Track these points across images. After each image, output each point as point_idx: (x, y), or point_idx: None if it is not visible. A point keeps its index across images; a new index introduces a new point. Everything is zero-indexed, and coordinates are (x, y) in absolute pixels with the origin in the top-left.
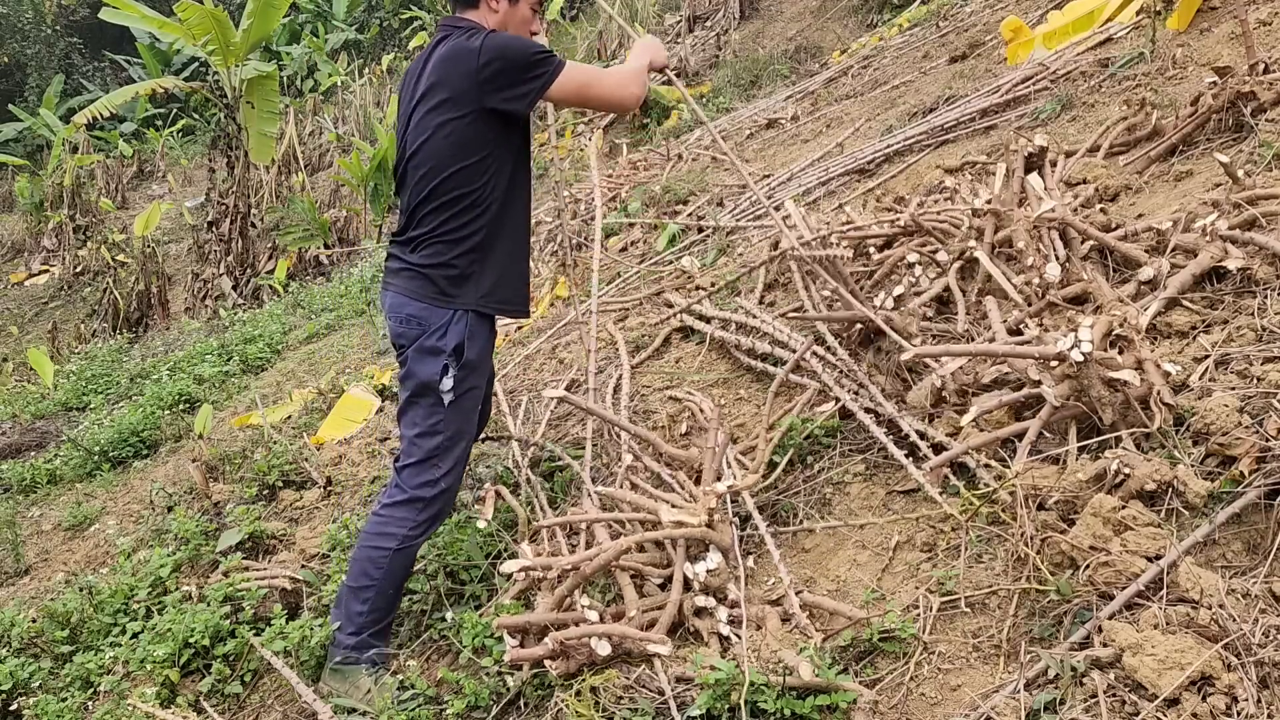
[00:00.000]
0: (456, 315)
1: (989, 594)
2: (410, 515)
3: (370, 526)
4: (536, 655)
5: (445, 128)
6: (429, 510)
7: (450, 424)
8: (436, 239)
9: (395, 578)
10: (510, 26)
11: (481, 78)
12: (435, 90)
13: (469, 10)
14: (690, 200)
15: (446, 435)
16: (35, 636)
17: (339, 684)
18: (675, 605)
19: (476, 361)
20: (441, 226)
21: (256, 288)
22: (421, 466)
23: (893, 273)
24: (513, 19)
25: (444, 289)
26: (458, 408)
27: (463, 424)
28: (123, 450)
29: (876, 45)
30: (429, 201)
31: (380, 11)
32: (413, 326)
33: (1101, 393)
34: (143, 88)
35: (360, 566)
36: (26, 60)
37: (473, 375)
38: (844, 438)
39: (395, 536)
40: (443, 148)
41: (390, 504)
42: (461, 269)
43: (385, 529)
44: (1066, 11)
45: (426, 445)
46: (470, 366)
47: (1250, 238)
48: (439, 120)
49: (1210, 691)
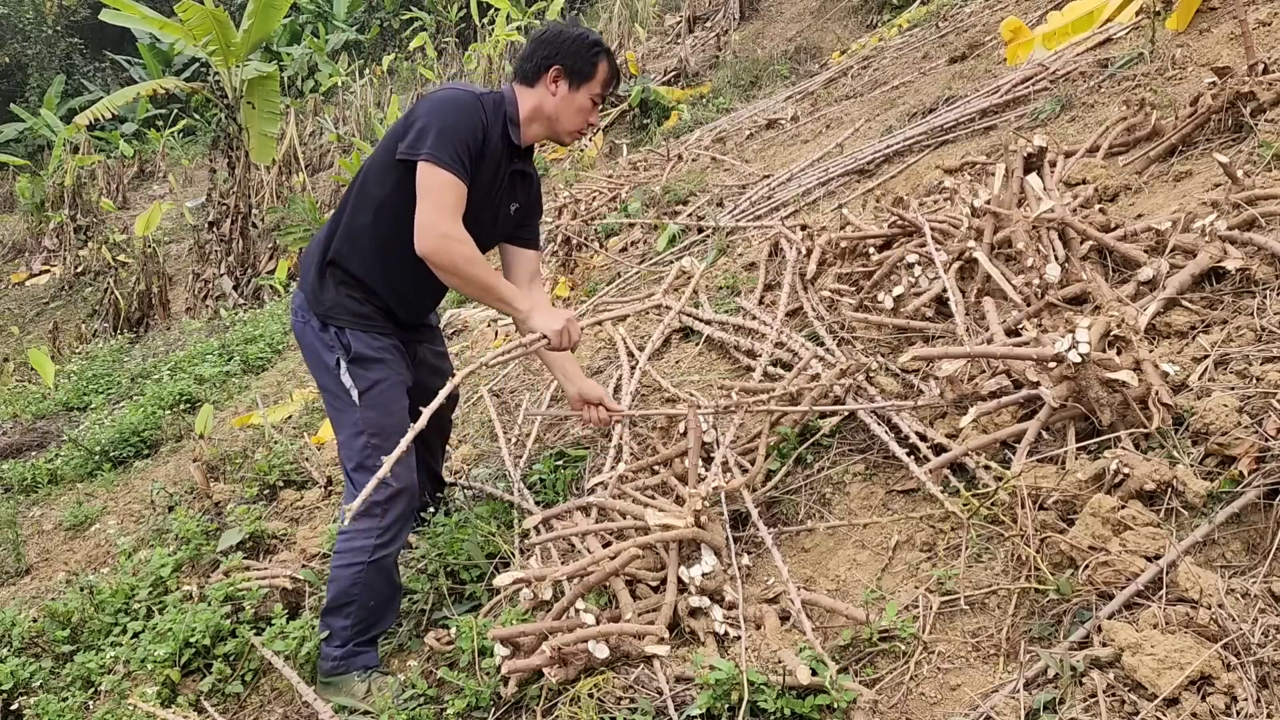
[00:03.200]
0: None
1: (989, 594)
2: (372, 525)
3: (339, 544)
4: (533, 665)
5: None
6: (388, 515)
7: (369, 422)
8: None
9: (376, 590)
10: (564, 116)
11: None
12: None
13: (522, 86)
14: (690, 200)
15: (370, 434)
16: (36, 636)
17: (332, 694)
18: (670, 607)
19: (371, 356)
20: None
21: (257, 288)
22: (362, 472)
23: (892, 273)
24: (569, 107)
25: (316, 288)
26: (370, 403)
27: (383, 419)
28: (123, 450)
29: (876, 46)
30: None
31: (381, 12)
32: (299, 318)
33: (1099, 393)
34: (144, 88)
35: (338, 586)
36: (28, 60)
37: (374, 368)
38: (844, 438)
39: (365, 549)
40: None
41: (350, 519)
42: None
43: (352, 544)
44: (1066, 12)
45: (356, 448)
46: (363, 360)
47: (1249, 238)
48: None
49: (1210, 691)
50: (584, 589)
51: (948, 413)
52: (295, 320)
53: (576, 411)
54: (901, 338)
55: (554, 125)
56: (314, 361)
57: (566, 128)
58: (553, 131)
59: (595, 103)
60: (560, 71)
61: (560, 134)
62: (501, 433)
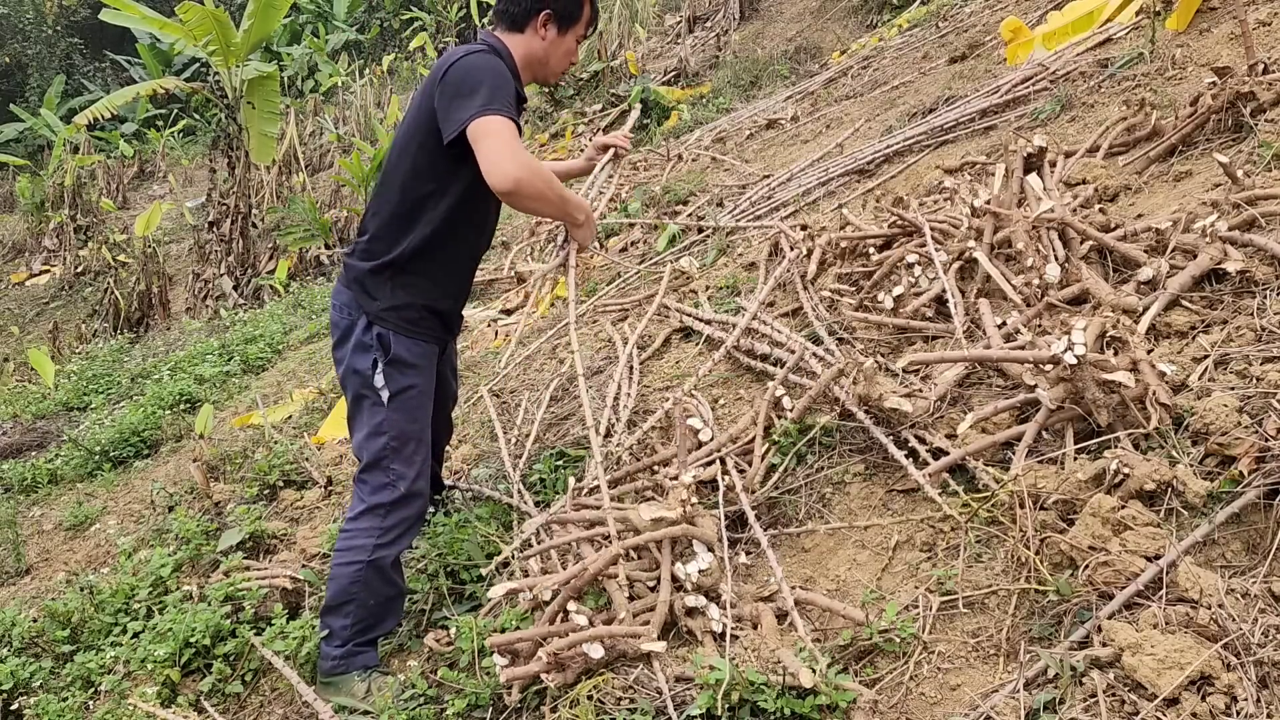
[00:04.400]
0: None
1: (988, 594)
2: (374, 524)
3: (339, 543)
4: (531, 672)
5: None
6: (393, 516)
7: (393, 424)
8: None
9: (375, 590)
10: (553, 59)
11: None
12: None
13: (510, 32)
14: (690, 200)
15: (391, 436)
16: (36, 636)
17: (332, 695)
18: (665, 605)
19: (409, 361)
20: (381, 230)
21: (257, 288)
22: (374, 471)
23: (892, 273)
24: (557, 50)
25: (368, 289)
26: (398, 407)
27: (407, 425)
28: (123, 450)
29: (876, 46)
30: (383, 208)
31: (381, 12)
32: (344, 315)
33: (1096, 395)
34: (144, 88)
35: (337, 584)
36: (28, 60)
37: (409, 374)
38: (844, 438)
39: (365, 549)
40: (403, 164)
41: (353, 516)
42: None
43: (353, 542)
44: (1066, 12)
45: (373, 447)
46: (400, 364)
47: (1249, 239)
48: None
49: (1210, 691)
50: (572, 592)
51: (945, 415)
52: (337, 311)
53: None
54: (901, 338)
55: (543, 69)
56: (347, 355)
57: (555, 69)
58: (541, 75)
59: (578, 41)
60: (550, 16)
61: (548, 76)
62: (501, 433)
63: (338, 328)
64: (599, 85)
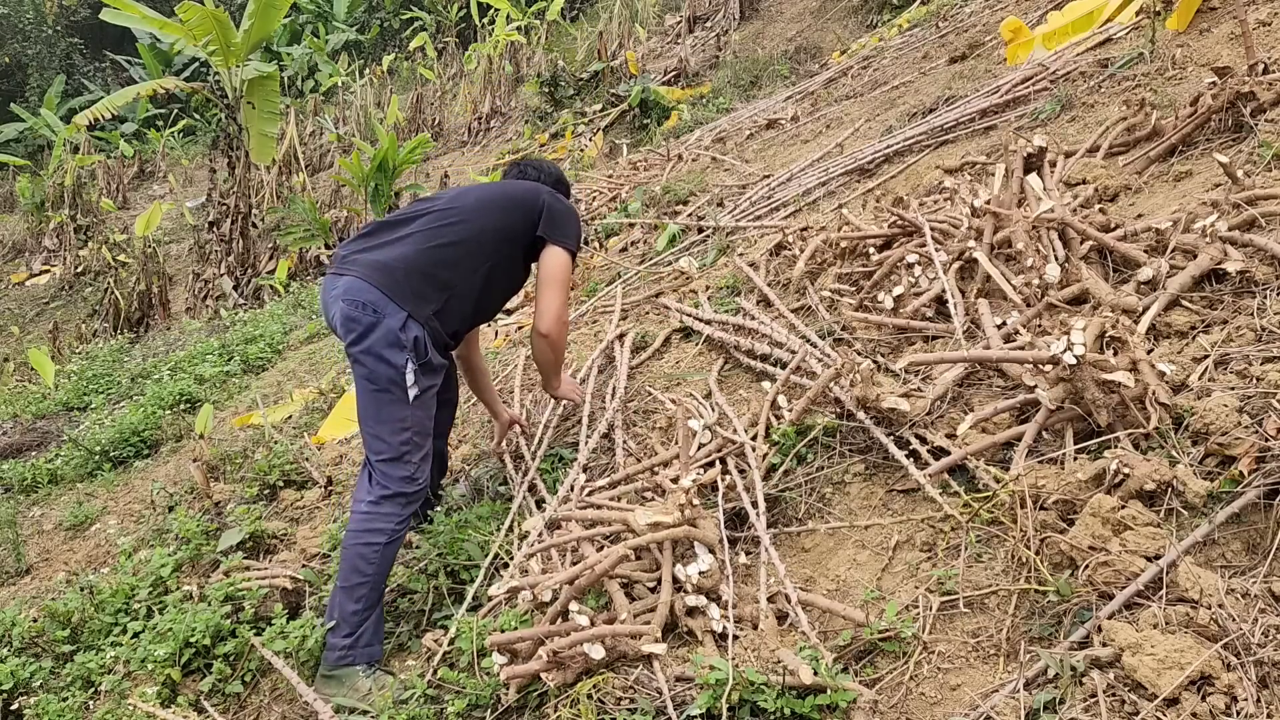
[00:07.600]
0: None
1: (989, 594)
2: (396, 510)
3: (356, 524)
4: (531, 671)
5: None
6: (411, 505)
7: (416, 421)
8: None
9: (384, 571)
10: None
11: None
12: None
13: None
14: (690, 200)
15: (414, 431)
16: (36, 636)
17: (335, 689)
18: (666, 606)
19: (436, 366)
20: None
21: (257, 288)
22: (397, 463)
23: (892, 273)
24: None
25: (415, 290)
26: (420, 405)
27: (426, 422)
28: (124, 450)
29: (876, 46)
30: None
31: (381, 12)
32: (367, 313)
33: (1096, 395)
34: (144, 88)
35: (352, 564)
36: (28, 60)
37: (433, 377)
38: (844, 438)
39: (384, 531)
40: (486, 239)
41: (375, 500)
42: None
43: (373, 525)
44: (1066, 12)
45: (396, 440)
46: (430, 368)
47: (1249, 239)
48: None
49: (1210, 691)
50: (575, 592)
51: (945, 415)
52: (357, 309)
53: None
54: (901, 338)
55: None
56: (373, 353)
57: None
58: None
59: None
60: None
61: None
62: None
63: (358, 324)
64: (599, 85)
